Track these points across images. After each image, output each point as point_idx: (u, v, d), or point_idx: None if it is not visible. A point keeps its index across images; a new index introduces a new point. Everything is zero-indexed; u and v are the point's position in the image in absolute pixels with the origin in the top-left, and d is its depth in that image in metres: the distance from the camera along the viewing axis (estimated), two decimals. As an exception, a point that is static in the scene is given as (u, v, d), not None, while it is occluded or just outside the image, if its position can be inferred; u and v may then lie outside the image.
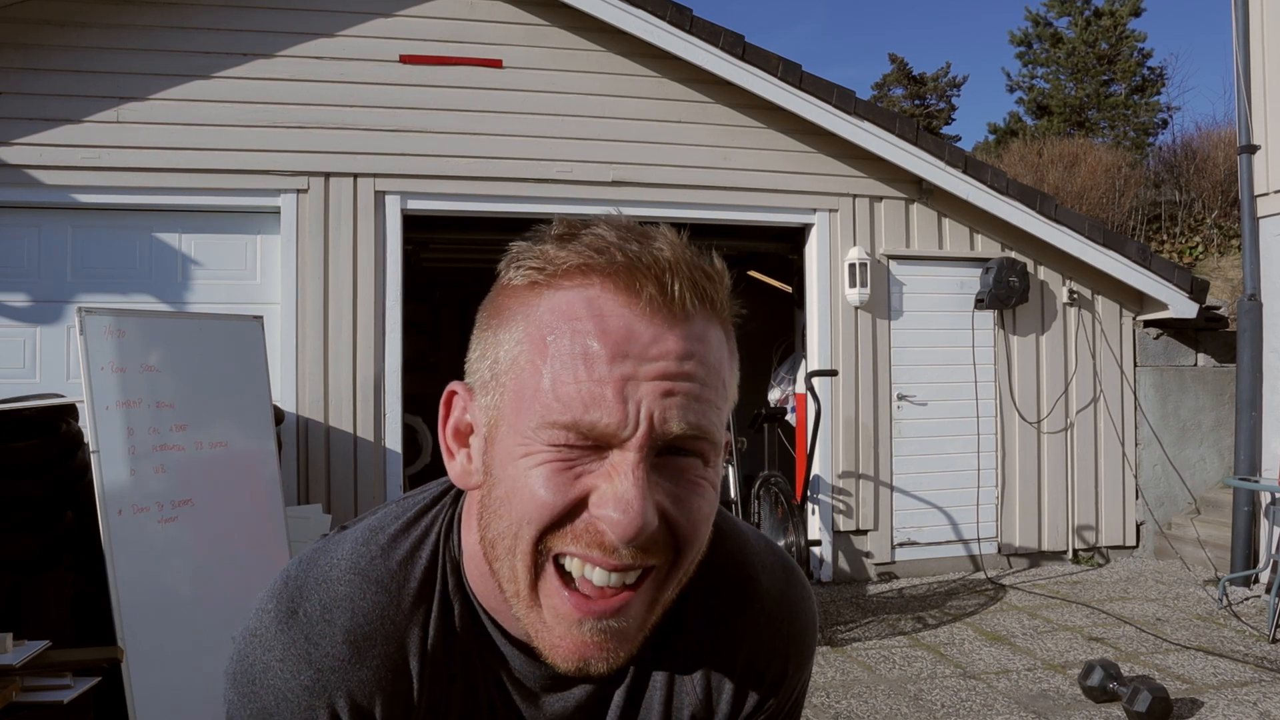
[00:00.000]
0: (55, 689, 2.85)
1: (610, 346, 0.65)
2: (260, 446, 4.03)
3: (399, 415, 5.59)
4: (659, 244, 0.69)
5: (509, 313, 0.71)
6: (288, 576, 0.80)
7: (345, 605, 0.76)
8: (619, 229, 0.70)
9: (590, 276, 0.67)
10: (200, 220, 5.40)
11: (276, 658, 0.76)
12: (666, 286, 0.67)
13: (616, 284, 0.67)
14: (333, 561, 0.79)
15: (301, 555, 0.83)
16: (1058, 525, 6.61)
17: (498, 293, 0.74)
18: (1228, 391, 6.81)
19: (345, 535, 0.83)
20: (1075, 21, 19.34)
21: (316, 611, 0.76)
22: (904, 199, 6.38)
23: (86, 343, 3.23)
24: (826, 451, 6.13)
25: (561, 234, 0.70)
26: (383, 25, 5.60)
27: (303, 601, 0.77)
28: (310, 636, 0.76)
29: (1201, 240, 11.36)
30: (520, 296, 0.70)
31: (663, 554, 0.68)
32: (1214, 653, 4.58)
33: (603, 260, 0.67)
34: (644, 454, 0.65)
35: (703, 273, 0.70)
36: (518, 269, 0.71)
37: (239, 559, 3.78)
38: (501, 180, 5.73)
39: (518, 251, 0.72)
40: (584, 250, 0.68)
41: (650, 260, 0.67)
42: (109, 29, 5.24)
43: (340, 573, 0.78)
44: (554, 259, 0.68)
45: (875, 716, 3.84)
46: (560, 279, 0.68)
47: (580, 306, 0.66)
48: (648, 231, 0.71)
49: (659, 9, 5.68)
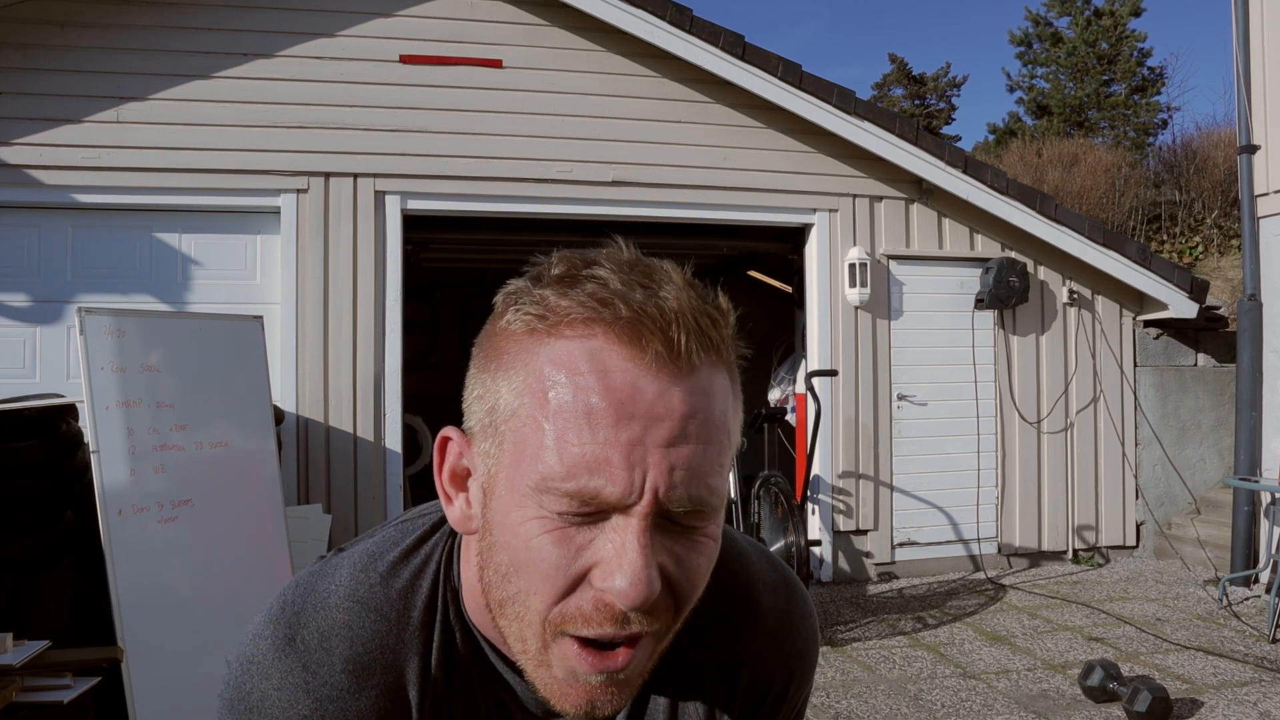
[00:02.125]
0: (55, 689, 2.85)
1: (615, 405, 0.63)
2: (260, 446, 4.03)
3: (399, 415, 5.59)
4: (665, 291, 0.66)
5: (508, 358, 0.68)
6: (284, 601, 0.79)
7: (344, 634, 0.76)
8: (623, 272, 0.68)
9: (593, 328, 0.65)
10: (200, 220, 5.40)
11: (274, 686, 0.75)
12: (673, 340, 0.64)
13: (621, 337, 0.64)
14: (330, 588, 0.78)
15: (298, 579, 0.81)
16: (1058, 525, 6.60)
17: (495, 335, 0.70)
18: (1228, 391, 6.80)
19: (343, 560, 0.82)
20: (1075, 21, 19.35)
21: (315, 640, 0.75)
22: (904, 199, 6.38)
23: (86, 343, 3.23)
24: (826, 451, 6.13)
25: (562, 276, 0.68)
26: (383, 25, 5.60)
27: (300, 629, 0.76)
28: (308, 665, 0.75)
29: (1201, 240, 11.36)
30: (520, 342, 0.67)
31: (665, 614, 0.68)
32: (1214, 653, 4.58)
33: (607, 313, 0.65)
34: (648, 522, 0.64)
35: (709, 319, 0.67)
36: (517, 312, 0.68)
37: (239, 559, 3.78)
38: (501, 180, 5.73)
39: (516, 292, 0.70)
40: (587, 301, 0.65)
41: (656, 312, 0.65)
42: (109, 29, 5.24)
43: (338, 600, 0.77)
44: (555, 308, 0.66)
45: (875, 716, 3.84)
46: (562, 328, 0.66)
47: (583, 360, 0.64)
48: (653, 272, 0.68)
49: (659, 9, 5.68)
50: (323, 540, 4.97)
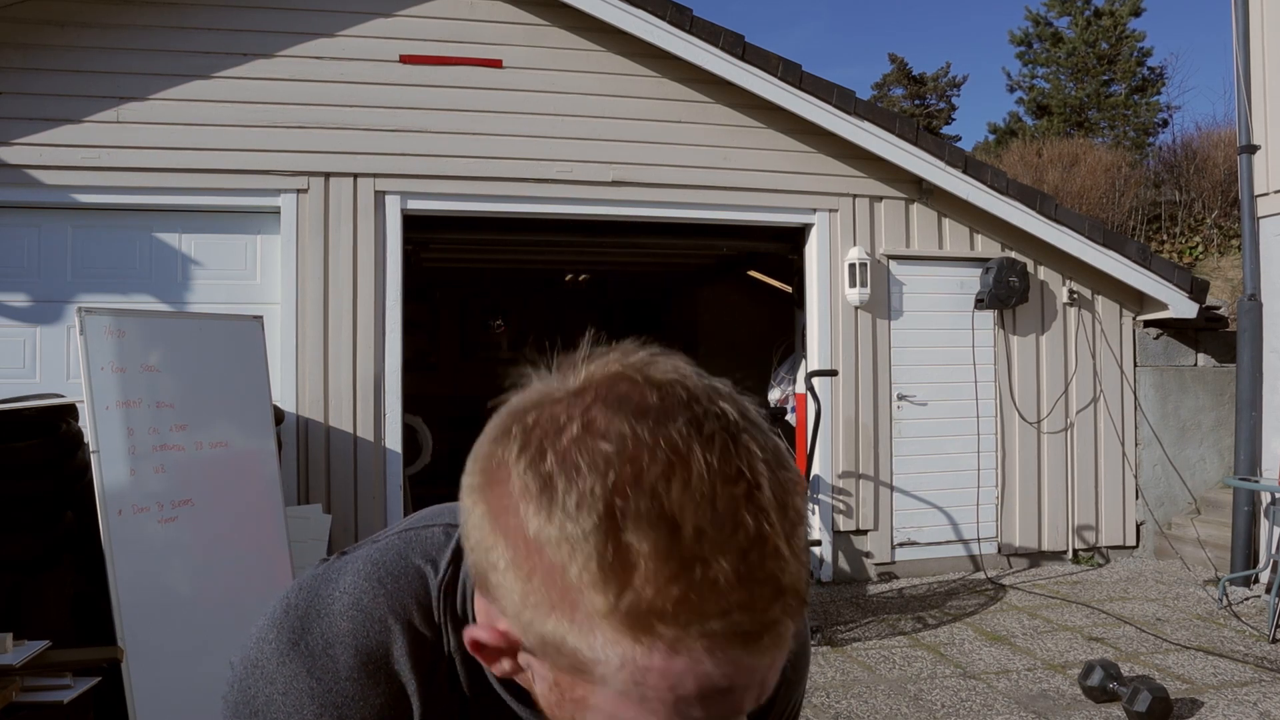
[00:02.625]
0: (55, 689, 2.85)
1: (708, 709, 0.56)
2: (260, 446, 4.03)
3: (399, 415, 5.59)
4: (782, 561, 0.54)
5: (581, 616, 0.54)
6: (288, 605, 0.79)
7: (349, 641, 0.76)
8: (726, 533, 0.53)
9: (716, 629, 0.53)
10: (200, 220, 5.40)
11: (279, 690, 0.75)
12: (787, 600, 0.55)
13: (746, 628, 0.53)
14: (335, 594, 0.78)
15: (301, 582, 0.81)
16: (1058, 525, 6.60)
17: (538, 545, 0.55)
18: (1228, 391, 6.80)
19: (346, 565, 0.81)
20: (1075, 21, 19.34)
21: (320, 646, 0.76)
22: (904, 199, 6.38)
23: (86, 343, 3.23)
24: (826, 451, 6.13)
25: (661, 555, 0.52)
26: (383, 25, 5.60)
27: (305, 634, 0.76)
28: (313, 670, 0.75)
29: (1201, 240, 11.36)
30: (594, 610, 0.53)
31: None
32: (1214, 653, 4.58)
33: (721, 626, 0.52)
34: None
35: (801, 520, 0.57)
36: (575, 555, 0.53)
37: (239, 559, 3.78)
38: (501, 180, 5.73)
39: (556, 490, 0.54)
40: (693, 616, 0.52)
41: (778, 586, 0.54)
42: (109, 29, 5.24)
43: (342, 607, 0.77)
44: (646, 599, 0.52)
45: (875, 716, 3.84)
46: (654, 629, 0.52)
47: (712, 665, 0.54)
48: (764, 540, 0.54)
49: (659, 9, 5.68)
50: (323, 540, 4.97)
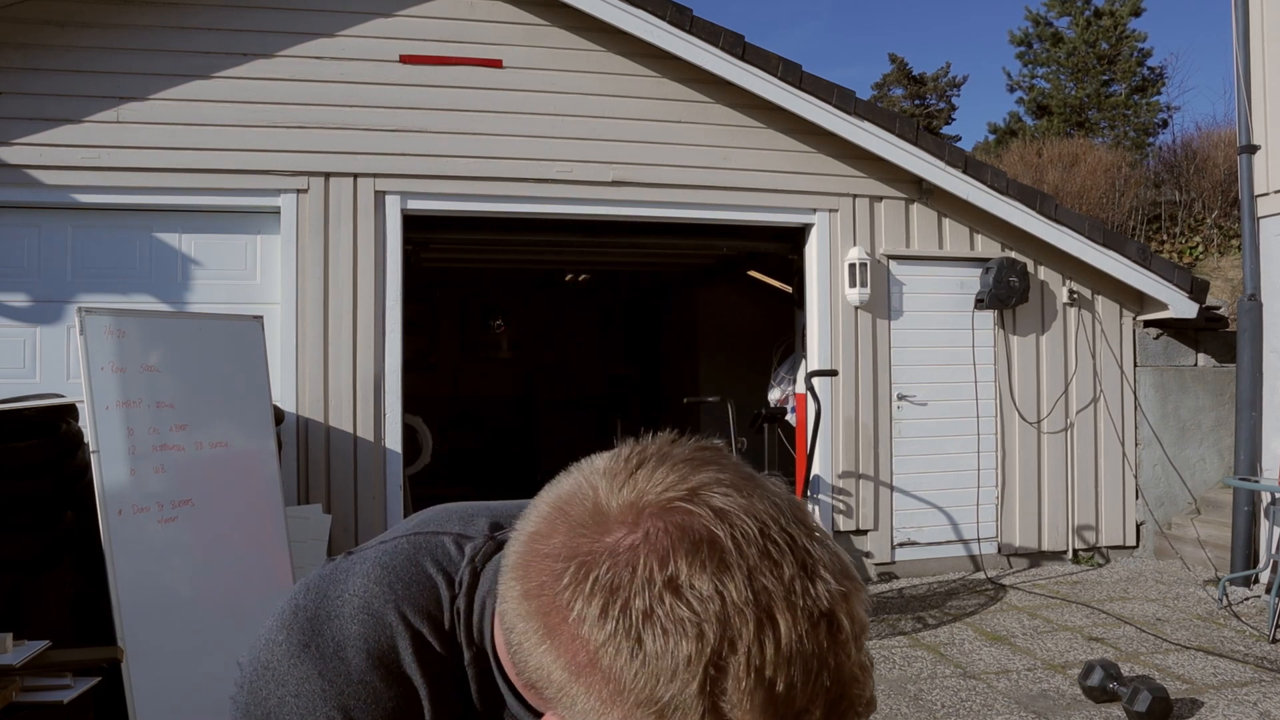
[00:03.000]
0: (55, 689, 2.85)
1: None
2: (260, 446, 4.03)
3: (399, 415, 5.59)
4: (865, 688, 0.56)
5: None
6: (297, 607, 0.79)
7: (359, 644, 0.76)
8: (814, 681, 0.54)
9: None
10: (200, 220, 5.40)
11: (291, 693, 0.76)
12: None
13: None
14: (344, 596, 0.79)
15: (309, 582, 0.81)
16: (1058, 525, 6.60)
17: (622, 699, 0.55)
18: (1228, 391, 6.80)
19: (354, 567, 0.81)
20: (1075, 21, 19.34)
21: (330, 648, 0.76)
22: (904, 199, 6.38)
23: (86, 343, 3.23)
24: (826, 451, 6.13)
25: (758, 717, 0.53)
26: (383, 25, 5.60)
27: (315, 636, 0.77)
28: (324, 672, 0.75)
29: (1201, 240, 11.35)
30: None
31: None
32: (1214, 653, 4.58)
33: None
34: None
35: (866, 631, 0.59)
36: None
37: (239, 559, 3.78)
38: (501, 180, 5.73)
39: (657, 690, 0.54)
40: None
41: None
42: (109, 29, 5.24)
43: (352, 610, 0.78)
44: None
45: (875, 716, 3.84)
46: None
47: None
48: (846, 674, 0.56)
49: (659, 9, 5.68)
50: (323, 540, 4.97)
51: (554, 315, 11.93)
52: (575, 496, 0.61)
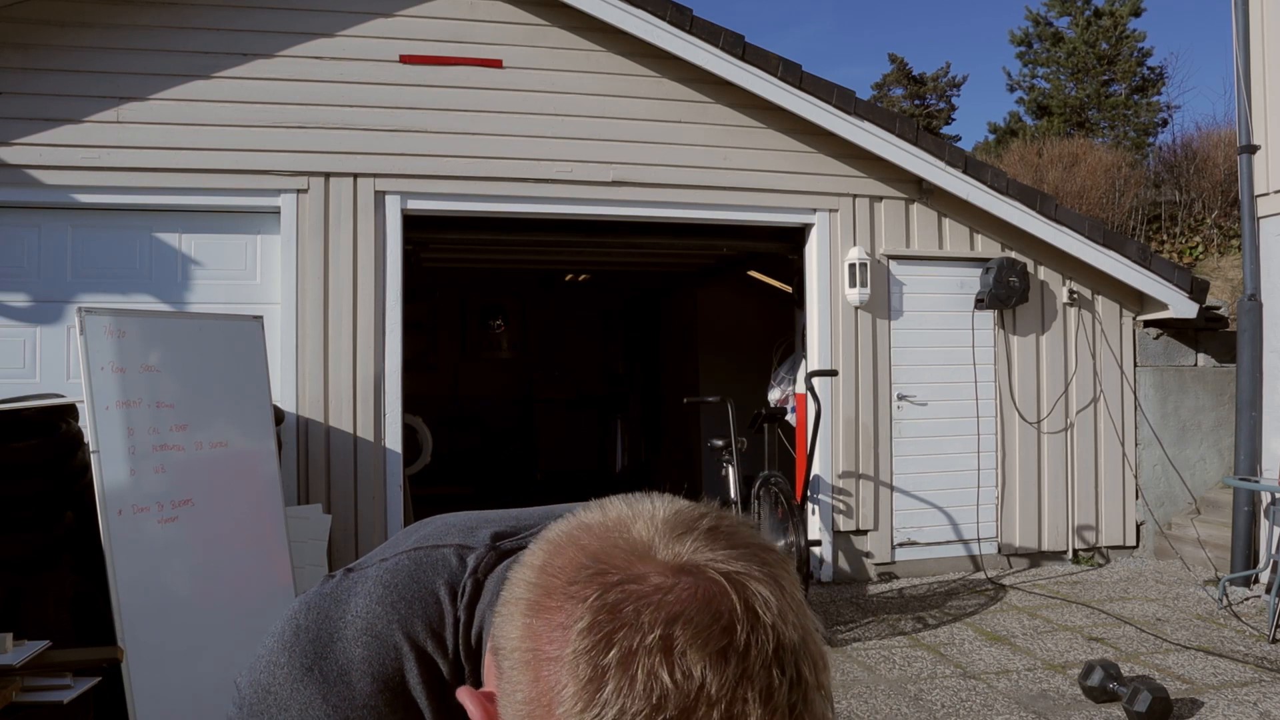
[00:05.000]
0: (55, 689, 2.85)
1: None
2: (260, 446, 4.03)
3: (399, 415, 5.59)
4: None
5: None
6: (298, 628, 0.78)
7: (363, 668, 0.76)
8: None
9: None
10: (200, 220, 5.40)
11: (294, 716, 0.75)
12: None
13: None
14: (347, 618, 0.78)
15: (309, 602, 0.80)
16: (1058, 525, 6.60)
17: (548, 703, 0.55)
18: (1228, 391, 6.80)
19: (356, 586, 0.80)
20: (1075, 21, 19.34)
21: (335, 672, 0.75)
22: (904, 199, 6.38)
23: (86, 343, 3.23)
24: (826, 451, 6.13)
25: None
26: (383, 25, 5.60)
27: (319, 659, 0.76)
28: (328, 697, 0.75)
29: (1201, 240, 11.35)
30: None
31: None
32: (1214, 653, 4.58)
33: None
34: None
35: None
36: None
37: (239, 559, 3.79)
38: (501, 180, 5.73)
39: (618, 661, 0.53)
40: None
41: None
42: (109, 29, 5.24)
43: (355, 632, 0.77)
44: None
45: (875, 716, 3.84)
46: None
47: None
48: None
49: (659, 9, 5.68)
50: (323, 540, 4.97)
51: (554, 315, 11.93)
52: (634, 524, 0.60)
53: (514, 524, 0.86)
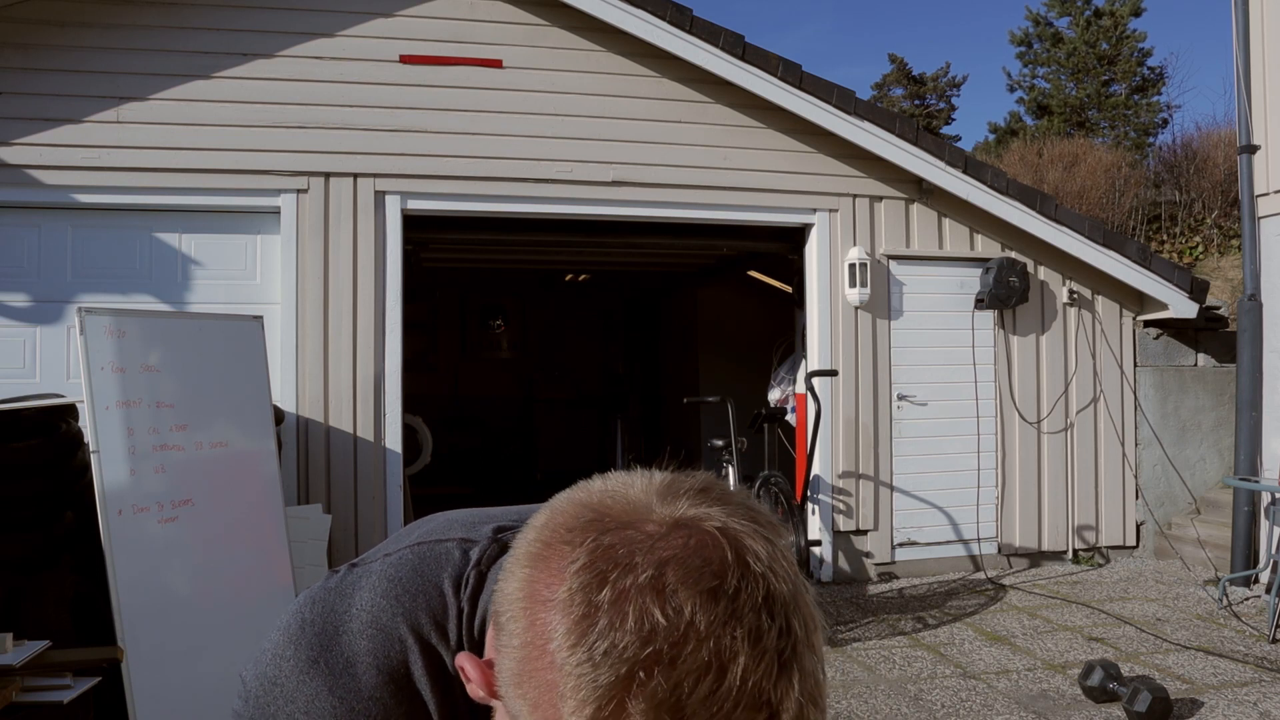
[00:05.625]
0: (55, 689, 2.85)
1: None
2: (260, 446, 4.03)
3: (399, 415, 5.59)
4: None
5: None
6: (304, 621, 0.78)
7: (369, 660, 0.76)
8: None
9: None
10: (200, 220, 5.40)
11: (301, 709, 0.75)
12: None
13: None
14: (353, 611, 0.78)
15: (314, 596, 0.81)
16: (1058, 525, 6.60)
17: (552, 691, 0.55)
18: (1228, 391, 6.80)
19: (360, 580, 0.81)
20: (1075, 21, 19.34)
21: (340, 664, 0.76)
22: (904, 199, 6.38)
23: (86, 343, 3.23)
24: (826, 451, 6.13)
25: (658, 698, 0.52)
26: (383, 25, 5.60)
27: (325, 652, 0.76)
28: (334, 689, 0.75)
29: (1201, 240, 11.35)
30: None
31: None
32: (1214, 653, 4.58)
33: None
34: None
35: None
36: (577, 699, 0.53)
37: (239, 559, 3.78)
38: (501, 180, 5.73)
39: (579, 665, 0.53)
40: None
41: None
42: (109, 29, 5.24)
43: (361, 625, 0.77)
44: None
45: (875, 716, 3.84)
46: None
47: None
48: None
49: (659, 9, 5.68)
50: (323, 540, 4.97)
51: (554, 315, 11.93)
52: (632, 487, 0.62)
53: (516, 519, 0.86)
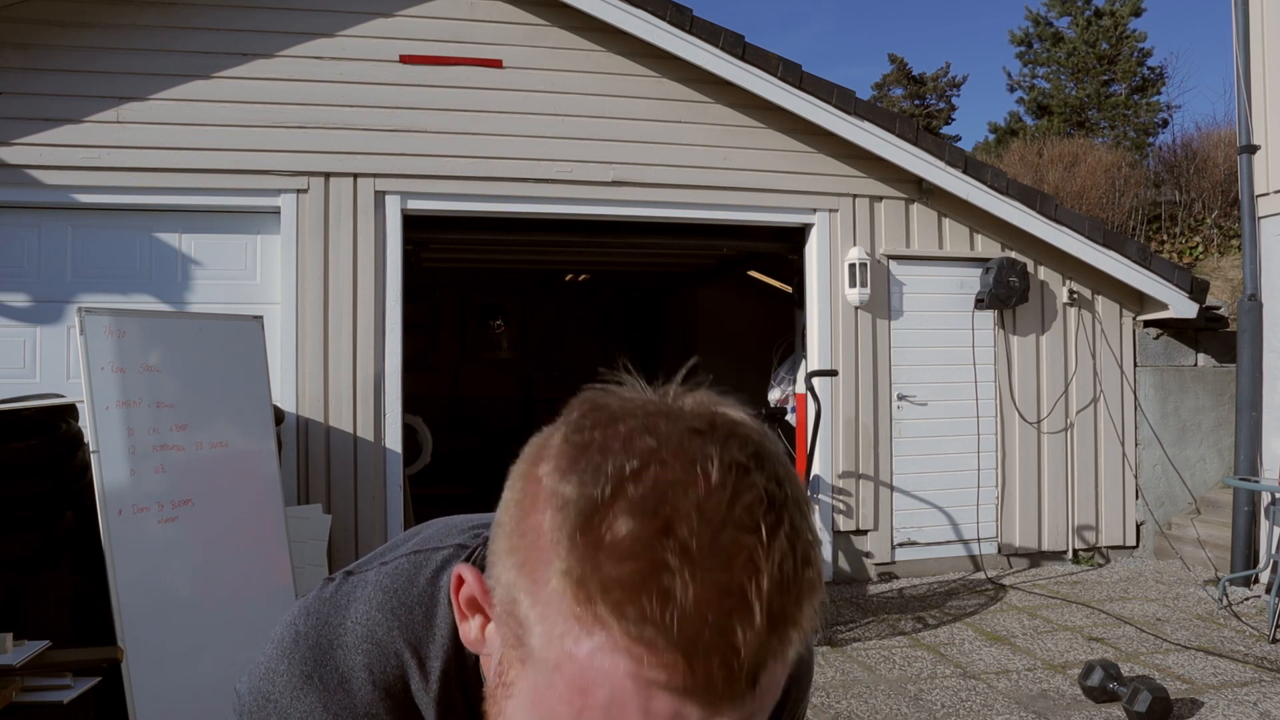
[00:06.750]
0: (55, 689, 2.86)
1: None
2: (260, 446, 4.03)
3: (399, 415, 5.59)
4: (750, 623, 0.52)
5: (542, 597, 0.55)
6: (298, 634, 0.77)
7: (364, 675, 0.75)
8: (708, 560, 0.51)
9: (642, 649, 0.51)
10: (200, 220, 5.40)
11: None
12: (740, 672, 0.52)
13: (676, 666, 0.51)
14: (347, 625, 0.77)
15: (308, 607, 0.80)
16: (1058, 525, 6.60)
17: (532, 531, 0.56)
18: (1228, 391, 6.80)
19: (356, 591, 0.79)
20: (1075, 21, 19.34)
21: (335, 679, 0.75)
22: (904, 199, 6.38)
23: (86, 343, 3.23)
24: (826, 451, 6.13)
25: (627, 540, 0.52)
26: (383, 25, 5.60)
27: (319, 667, 0.75)
28: (329, 705, 0.74)
29: (1201, 240, 11.35)
30: (555, 593, 0.54)
31: None
32: (1214, 653, 4.58)
33: (662, 641, 0.51)
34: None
35: (794, 624, 0.54)
36: (559, 539, 0.53)
37: (239, 559, 3.78)
38: (501, 180, 5.73)
39: (566, 496, 0.54)
40: (642, 622, 0.51)
41: (732, 645, 0.51)
42: (109, 29, 5.24)
43: (355, 639, 0.76)
44: (605, 587, 0.51)
45: (875, 716, 3.84)
46: (608, 623, 0.52)
47: (628, 692, 0.52)
48: (743, 598, 0.52)
49: (659, 9, 5.68)
50: (323, 540, 4.97)
51: (554, 315, 11.94)
52: (619, 389, 0.62)
53: None
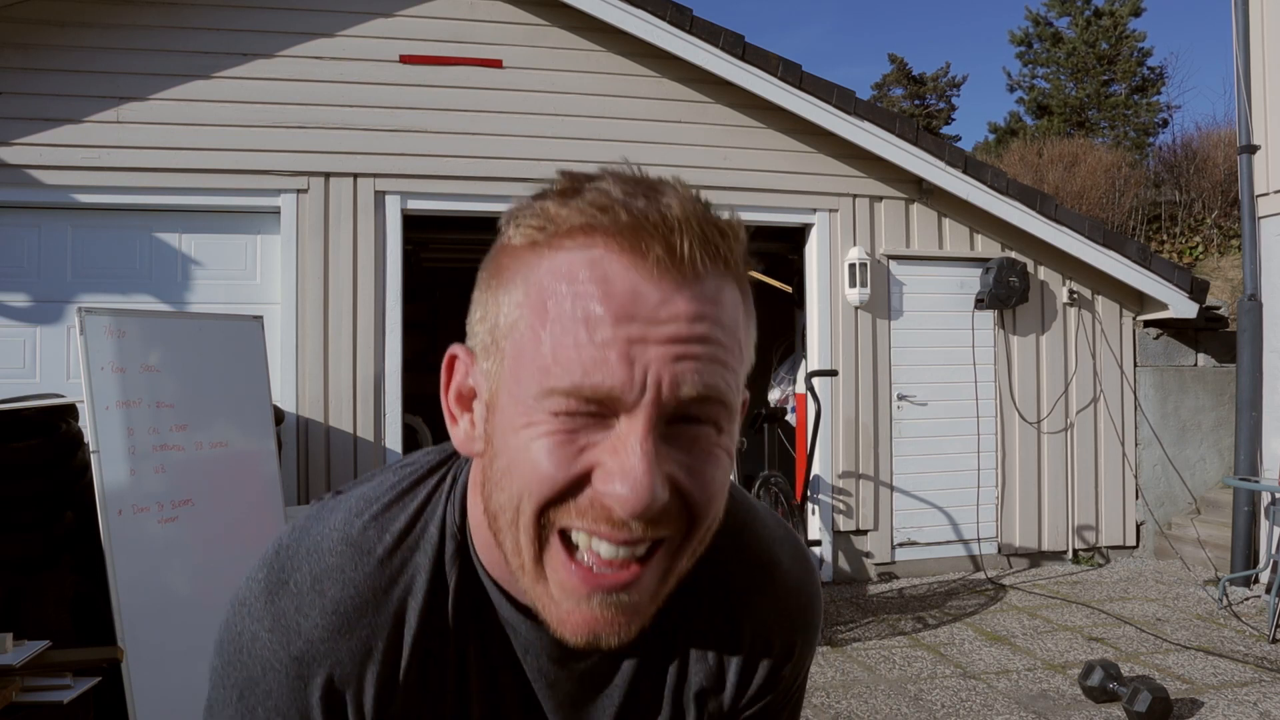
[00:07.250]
0: (55, 689, 2.85)
1: (614, 309, 0.61)
2: (260, 446, 4.03)
3: (399, 415, 5.59)
4: (667, 199, 0.64)
5: (508, 273, 0.67)
6: (279, 545, 0.79)
7: (336, 576, 0.75)
8: (625, 182, 0.66)
9: (593, 236, 0.63)
10: (200, 220, 5.40)
11: (265, 628, 0.75)
12: (675, 246, 0.62)
13: (621, 244, 0.63)
14: (325, 531, 0.78)
15: (295, 523, 0.81)
16: (1058, 525, 6.60)
17: (498, 252, 0.70)
18: (1228, 391, 6.80)
19: (339, 502, 0.81)
20: (1075, 21, 19.35)
21: (307, 582, 0.75)
22: (904, 199, 6.38)
23: (86, 343, 3.23)
24: (826, 451, 6.13)
25: (564, 189, 0.67)
26: (383, 25, 5.60)
27: (293, 572, 0.76)
28: (300, 607, 0.75)
29: (1201, 240, 11.35)
30: (520, 257, 0.67)
31: (675, 525, 0.65)
32: (1214, 653, 4.58)
33: (606, 219, 0.63)
34: (653, 423, 0.61)
35: (715, 229, 0.65)
36: (517, 228, 0.68)
37: (239, 559, 3.78)
38: (501, 180, 5.73)
39: (518, 208, 0.69)
40: (586, 208, 0.64)
41: (658, 218, 0.63)
42: (109, 29, 5.24)
43: (332, 543, 0.77)
44: (555, 217, 0.65)
45: (875, 716, 3.84)
46: (562, 239, 0.64)
47: (582, 268, 0.63)
48: (657, 185, 0.66)
49: (659, 9, 5.68)
50: (323, 540, 4.96)
51: (554, 315, 11.92)
52: None
53: None
